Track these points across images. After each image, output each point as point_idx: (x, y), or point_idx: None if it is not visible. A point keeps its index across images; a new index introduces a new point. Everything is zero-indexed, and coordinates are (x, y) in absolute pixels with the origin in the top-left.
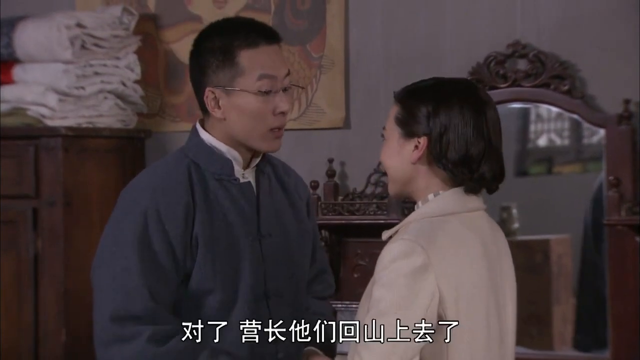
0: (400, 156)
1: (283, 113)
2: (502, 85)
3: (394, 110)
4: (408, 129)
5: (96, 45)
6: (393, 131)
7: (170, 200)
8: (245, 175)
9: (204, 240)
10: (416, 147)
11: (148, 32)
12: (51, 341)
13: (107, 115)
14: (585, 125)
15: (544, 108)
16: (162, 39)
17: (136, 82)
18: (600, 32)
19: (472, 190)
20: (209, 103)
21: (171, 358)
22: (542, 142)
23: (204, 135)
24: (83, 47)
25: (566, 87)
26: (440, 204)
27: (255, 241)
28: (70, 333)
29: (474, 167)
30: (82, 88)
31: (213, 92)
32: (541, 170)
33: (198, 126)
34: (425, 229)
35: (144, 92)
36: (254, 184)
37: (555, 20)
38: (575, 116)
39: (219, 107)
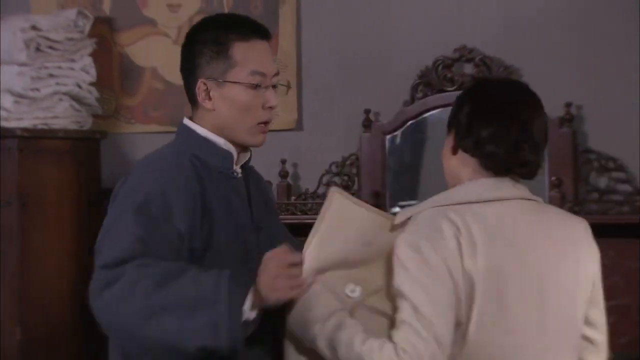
0: (445, 153)
1: (271, 108)
2: (450, 89)
3: None
4: (449, 126)
5: (51, 47)
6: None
7: (179, 187)
8: (237, 170)
9: (215, 231)
10: (449, 141)
11: (103, 35)
12: (6, 340)
13: (62, 116)
14: None
15: None
16: (117, 41)
17: (91, 84)
18: (542, 37)
19: (487, 166)
20: (200, 94)
21: (158, 271)
22: None
23: (199, 129)
24: (38, 49)
25: None
26: (452, 193)
27: (252, 233)
28: (26, 332)
29: (473, 134)
30: (37, 90)
31: (205, 84)
32: None
33: (189, 122)
34: (430, 219)
35: (99, 94)
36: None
37: (500, 26)
38: None
39: (210, 98)
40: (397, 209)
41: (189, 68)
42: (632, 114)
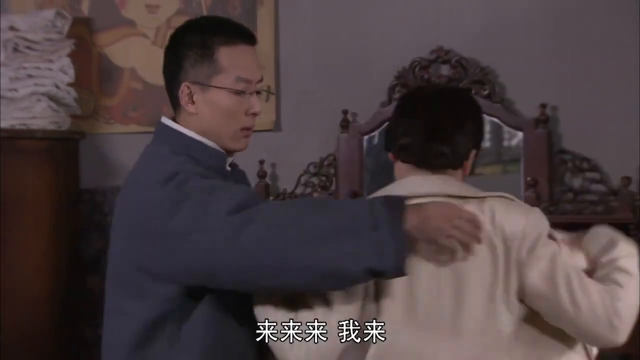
0: None
1: (255, 114)
2: None
3: None
4: None
5: (29, 48)
6: None
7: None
8: (228, 169)
9: None
10: None
11: (82, 35)
12: None
13: (40, 117)
14: (505, 128)
15: None
16: (96, 42)
17: (70, 84)
18: (518, 39)
19: (403, 159)
20: (183, 97)
21: (295, 204)
22: None
23: (186, 131)
24: (16, 49)
25: (486, 92)
26: (384, 190)
27: None
28: (5, 333)
29: (393, 134)
30: (15, 90)
31: (189, 88)
32: None
33: (172, 123)
34: None
35: (77, 94)
36: None
37: (476, 28)
38: (495, 119)
39: (193, 102)
40: None
41: (173, 70)
42: (606, 115)
